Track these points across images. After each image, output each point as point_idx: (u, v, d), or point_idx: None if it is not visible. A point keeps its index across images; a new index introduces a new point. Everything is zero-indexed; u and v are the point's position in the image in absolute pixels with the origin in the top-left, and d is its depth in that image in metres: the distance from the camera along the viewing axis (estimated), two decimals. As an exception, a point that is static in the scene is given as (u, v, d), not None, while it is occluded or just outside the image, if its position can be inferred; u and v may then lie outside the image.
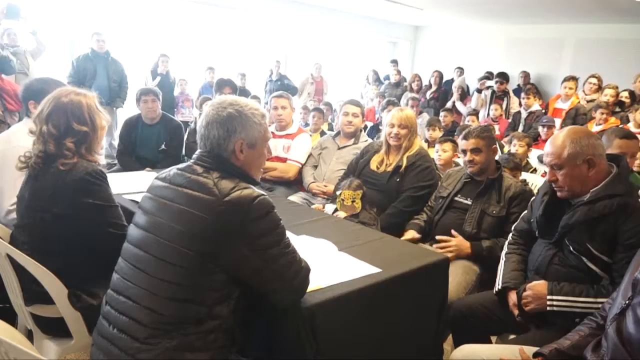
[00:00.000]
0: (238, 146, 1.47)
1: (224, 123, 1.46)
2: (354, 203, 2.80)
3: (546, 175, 2.03)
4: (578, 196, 1.88)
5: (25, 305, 1.75)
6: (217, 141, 1.46)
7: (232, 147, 1.47)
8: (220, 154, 1.46)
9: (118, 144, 4.07)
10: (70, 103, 1.75)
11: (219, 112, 1.47)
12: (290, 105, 3.67)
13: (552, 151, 1.86)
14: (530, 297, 1.88)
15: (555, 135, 1.93)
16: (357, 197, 2.80)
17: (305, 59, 9.01)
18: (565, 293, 1.81)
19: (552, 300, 1.83)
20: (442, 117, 5.84)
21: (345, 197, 2.80)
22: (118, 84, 6.03)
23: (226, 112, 1.46)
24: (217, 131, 1.46)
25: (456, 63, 8.67)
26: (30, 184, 1.76)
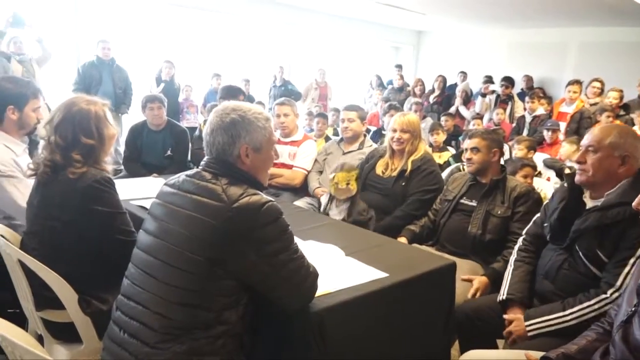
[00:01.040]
0: (243, 151, 1.48)
1: (227, 129, 1.47)
2: (349, 185, 2.71)
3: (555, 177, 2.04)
4: (593, 188, 1.89)
5: (36, 311, 1.77)
6: (222, 147, 1.47)
7: (237, 152, 1.48)
8: (226, 159, 1.48)
9: (124, 150, 4.10)
10: (78, 113, 1.77)
11: (223, 118, 1.48)
12: (293, 111, 3.69)
13: (595, 134, 1.88)
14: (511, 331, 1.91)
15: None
16: (352, 179, 2.72)
17: (309, 64, 9.04)
18: (541, 314, 1.85)
19: (530, 325, 1.86)
20: (443, 121, 5.85)
21: (339, 179, 2.71)
22: (123, 91, 6.07)
23: (229, 118, 1.48)
24: (222, 137, 1.47)
25: (459, 68, 8.69)
26: (40, 191, 1.78)
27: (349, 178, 2.73)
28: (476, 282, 2.38)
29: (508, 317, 1.97)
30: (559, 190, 2.11)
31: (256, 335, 1.52)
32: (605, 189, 1.85)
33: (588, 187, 1.92)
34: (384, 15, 8.84)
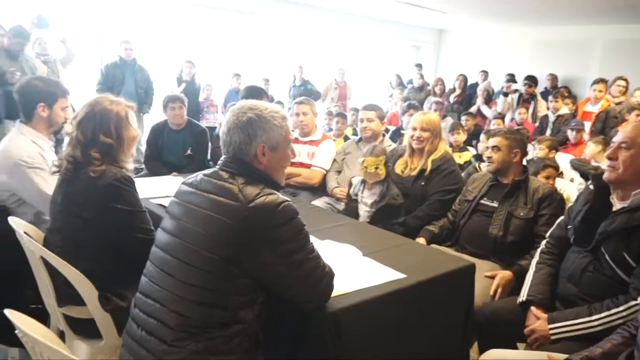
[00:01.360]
0: (260, 150, 1.48)
1: (244, 128, 1.47)
2: (378, 170, 2.78)
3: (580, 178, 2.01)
4: (621, 186, 1.84)
5: (57, 307, 1.80)
6: (239, 146, 1.47)
7: (254, 151, 1.47)
8: (243, 158, 1.48)
9: (145, 149, 4.15)
10: (100, 112, 1.80)
11: (239, 117, 1.48)
12: (312, 110, 3.69)
13: (629, 131, 1.84)
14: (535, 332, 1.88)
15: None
16: (381, 163, 2.77)
17: (329, 64, 9.04)
18: (565, 318, 1.81)
19: (554, 328, 1.82)
20: (463, 120, 5.77)
21: (369, 164, 2.78)
22: (145, 91, 6.15)
23: (246, 117, 1.47)
24: (238, 136, 1.47)
25: (480, 66, 8.58)
26: (63, 189, 1.81)
27: (377, 162, 2.78)
28: (498, 277, 2.34)
29: (534, 313, 1.93)
30: (583, 192, 2.07)
31: (272, 334, 1.52)
32: (633, 188, 1.81)
33: (616, 185, 1.87)
34: (404, 14, 8.78)
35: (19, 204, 2.31)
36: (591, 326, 1.76)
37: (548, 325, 1.84)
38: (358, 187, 2.94)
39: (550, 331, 1.83)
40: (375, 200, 2.82)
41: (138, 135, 1.92)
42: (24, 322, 1.17)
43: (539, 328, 1.87)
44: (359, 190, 2.93)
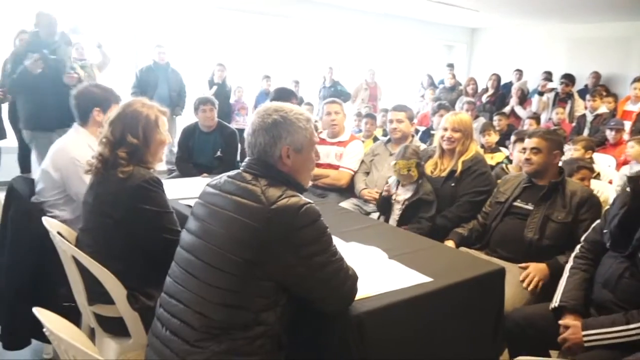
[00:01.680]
0: (284, 152, 1.47)
1: (269, 130, 1.47)
2: (410, 172, 2.85)
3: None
4: None
5: (88, 305, 1.84)
6: (264, 148, 1.47)
7: (279, 153, 1.47)
8: (267, 160, 1.47)
9: (177, 151, 4.22)
10: (131, 114, 1.84)
11: (264, 119, 1.48)
12: (342, 110, 3.69)
13: None
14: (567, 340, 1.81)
15: None
16: (412, 166, 2.85)
17: (359, 64, 9.00)
18: (600, 325, 1.73)
19: (587, 336, 1.75)
20: (496, 120, 5.65)
21: (401, 166, 2.86)
22: (177, 93, 6.26)
23: (271, 119, 1.47)
24: (263, 138, 1.47)
25: (515, 65, 8.39)
26: (94, 190, 1.85)
27: (409, 165, 2.86)
28: (531, 267, 2.29)
29: (564, 323, 1.87)
30: (620, 195, 1.99)
31: (295, 336, 1.52)
32: None
33: None
34: (436, 14, 8.67)
35: (65, 200, 2.39)
36: (628, 335, 1.69)
37: (582, 332, 1.77)
38: (394, 188, 2.98)
39: (583, 338, 1.76)
40: (409, 197, 2.85)
41: (167, 140, 1.94)
42: (51, 320, 1.20)
43: (572, 335, 1.80)
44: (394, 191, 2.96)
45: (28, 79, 4.00)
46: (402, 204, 2.89)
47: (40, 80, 4.02)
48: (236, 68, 7.49)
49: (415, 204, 2.84)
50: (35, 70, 3.97)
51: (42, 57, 3.98)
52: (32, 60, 3.94)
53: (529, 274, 2.30)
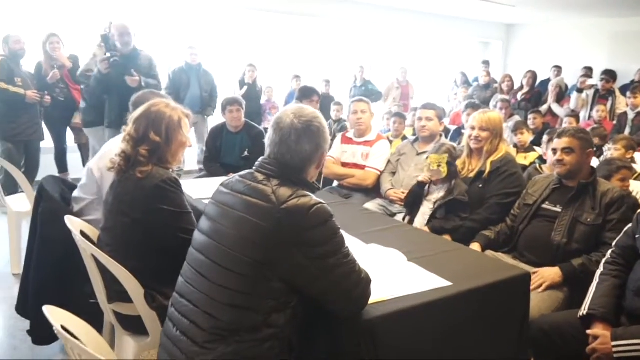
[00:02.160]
0: (323, 159, 1.53)
1: (313, 137, 1.48)
2: (440, 167, 2.80)
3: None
4: None
5: (107, 303, 1.88)
6: (309, 155, 1.48)
7: (317, 161, 1.52)
8: (290, 164, 1.46)
9: (205, 151, 4.27)
10: (155, 113, 1.87)
11: (308, 125, 1.47)
12: (370, 109, 3.64)
13: None
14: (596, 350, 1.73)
15: None
16: (443, 161, 2.80)
17: (391, 63, 8.90)
18: (631, 336, 1.63)
19: (617, 346, 1.66)
20: (530, 119, 5.46)
21: (432, 161, 2.84)
22: (209, 94, 6.34)
23: (314, 126, 1.48)
24: (309, 145, 1.47)
25: (553, 62, 8.10)
26: (114, 189, 1.88)
27: (439, 160, 2.82)
28: (540, 272, 2.25)
29: (593, 332, 1.79)
30: None
31: (307, 339, 1.49)
32: None
33: None
34: (470, 10, 8.48)
35: (99, 201, 2.42)
36: None
37: (611, 342, 1.68)
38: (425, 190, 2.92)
39: (613, 349, 1.67)
40: (442, 196, 2.79)
41: (187, 142, 1.95)
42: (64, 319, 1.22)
43: (601, 346, 1.72)
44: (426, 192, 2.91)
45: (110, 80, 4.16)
46: (433, 204, 2.83)
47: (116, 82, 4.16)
48: (266, 68, 7.53)
49: (449, 205, 2.77)
50: (104, 69, 4.11)
51: (111, 57, 4.12)
52: (101, 59, 4.12)
53: (534, 278, 2.23)
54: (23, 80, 4.64)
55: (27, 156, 4.83)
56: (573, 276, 2.21)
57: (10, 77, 4.55)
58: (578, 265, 2.22)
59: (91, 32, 5.04)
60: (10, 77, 4.56)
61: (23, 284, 2.42)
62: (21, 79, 4.64)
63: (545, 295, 2.20)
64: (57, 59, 4.97)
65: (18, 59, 4.68)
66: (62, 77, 5.05)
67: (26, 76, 4.74)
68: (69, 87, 5.14)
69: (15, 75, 4.59)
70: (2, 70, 4.51)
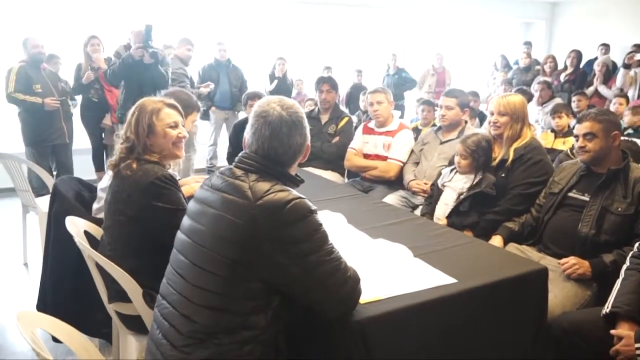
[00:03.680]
0: (307, 150, 1.48)
1: (299, 127, 1.44)
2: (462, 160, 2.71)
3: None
4: None
5: (108, 303, 1.88)
6: (300, 147, 1.44)
7: (304, 152, 1.47)
8: (278, 159, 1.41)
9: (228, 146, 4.27)
10: (140, 111, 1.85)
11: (292, 116, 1.42)
12: (387, 99, 3.51)
13: None
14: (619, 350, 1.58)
15: None
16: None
17: (426, 49, 8.64)
18: None
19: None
20: (575, 101, 5.14)
21: (459, 150, 2.72)
22: (239, 89, 6.34)
23: (296, 117, 1.43)
24: (299, 137, 1.43)
25: (600, 41, 7.62)
26: (111, 188, 1.88)
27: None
28: (574, 258, 2.10)
29: (616, 332, 1.64)
30: None
31: (295, 344, 1.43)
32: None
33: None
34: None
35: None
36: None
37: (635, 344, 1.53)
38: (447, 176, 2.80)
39: (637, 352, 1.52)
40: (470, 186, 2.65)
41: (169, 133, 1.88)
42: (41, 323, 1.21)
43: (625, 347, 1.57)
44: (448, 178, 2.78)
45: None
46: (458, 195, 2.69)
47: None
48: (296, 61, 7.47)
49: (474, 198, 2.62)
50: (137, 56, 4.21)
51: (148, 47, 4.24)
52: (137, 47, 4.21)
53: (570, 261, 2.09)
54: (43, 86, 4.58)
55: (56, 159, 4.90)
56: (604, 273, 2.04)
57: (27, 85, 4.46)
58: (610, 262, 2.04)
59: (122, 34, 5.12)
60: (28, 85, 4.47)
61: (42, 283, 2.48)
62: (40, 85, 4.55)
63: (571, 291, 2.05)
64: (95, 62, 5.08)
65: (38, 64, 4.62)
66: (97, 78, 5.16)
67: (48, 80, 4.67)
68: (103, 88, 5.25)
69: (33, 83, 4.51)
70: (20, 79, 4.45)
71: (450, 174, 2.80)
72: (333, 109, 3.97)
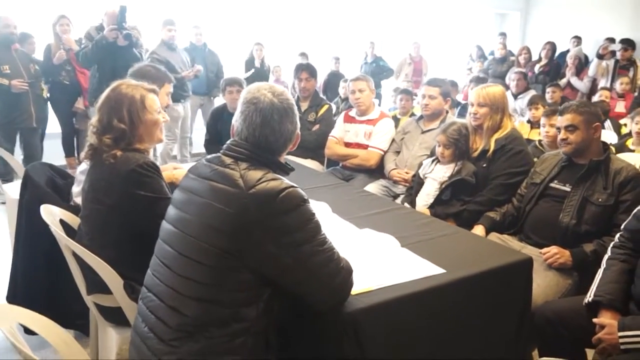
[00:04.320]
0: (297, 138, 1.45)
1: (290, 114, 1.41)
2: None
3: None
4: None
5: (87, 294, 1.81)
6: (290, 135, 1.41)
7: (295, 140, 1.44)
8: (274, 148, 1.38)
9: (205, 133, 4.18)
10: (116, 97, 1.76)
11: (283, 104, 1.39)
12: (369, 87, 3.48)
13: None
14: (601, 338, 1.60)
15: None
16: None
17: (403, 38, 8.63)
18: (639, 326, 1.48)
19: (624, 337, 1.54)
20: (549, 92, 5.23)
21: (440, 140, 2.75)
22: (215, 74, 6.21)
23: (287, 104, 1.40)
24: (290, 125, 1.40)
25: (573, 33, 7.74)
26: (89, 175, 1.80)
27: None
28: (556, 248, 2.12)
29: (599, 321, 1.67)
30: None
31: (287, 336, 1.40)
32: None
33: None
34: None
35: None
36: None
37: (618, 333, 1.56)
38: (429, 167, 2.80)
39: (620, 340, 1.55)
40: (449, 176, 2.67)
41: (158, 120, 1.84)
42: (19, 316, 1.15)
43: (607, 335, 1.59)
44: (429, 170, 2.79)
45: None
46: (439, 184, 2.70)
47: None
48: (274, 46, 7.36)
49: (455, 186, 2.64)
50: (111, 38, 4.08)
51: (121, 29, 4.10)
52: (110, 28, 4.07)
53: (551, 251, 2.13)
54: (12, 67, 4.40)
55: (24, 144, 4.73)
56: (584, 262, 2.08)
57: None
58: (590, 252, 2.08)
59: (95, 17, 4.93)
60: None
61: (12, 274, 2.38)
62: (9, 66, 4.37)
63: (553, 280, 2.08)
64: (65, 42, 4.88)
65: (8, 44, 4.43)
66: (69, 60, 4.97)
67: (18, 62, 4.48)
68: (75, 70, 5.06)
69: (2, 63, 4.36)
70: None
71: (431, 165, 2.81)
72: (312, 97, 3.92)
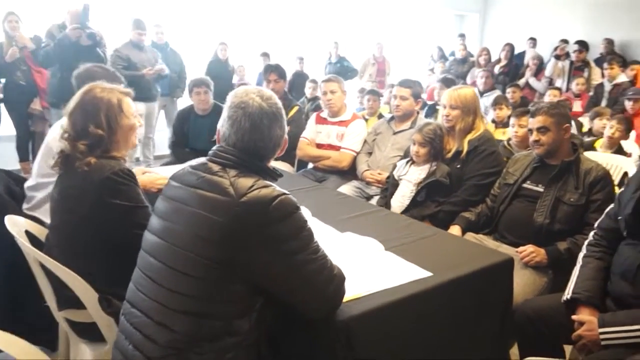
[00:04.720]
0: (285, 143, 1.42)
1: (279, 119, 1.37)
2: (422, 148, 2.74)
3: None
4: None
5: (58, 310, 1.71)
6: (279, 140, 1.38)
7: (283, 145, 1.40)
8: (262, 154, 1.34)
9: (171, 136, 4.07)
10: (92, 101, 1.66)
11: (272, 108, 1.35)
12: (340, 88, 3.47)
13: None
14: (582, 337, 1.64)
15: None
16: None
17: (367, 38, 8.68)
18: (620, 322, 1.54)
19: (605, 333, 1.57)
20: (509, 93, 5.37)
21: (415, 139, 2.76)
22: (177, 75, 6.06)
23: (276, 108, 1.36)
24: (279, 130, 1.37)
25: (529, 34, 7.99)
26: (59, 184, 1.70)
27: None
28: (532, 247, 2.17)
29: (578, 318, 1.70)
30: (634, 176, 1.78)
31: (277, 346, 1.36)
32: None
33: None
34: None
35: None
36: None
37: (598, 329, 1.59)
38: (403, 169, 2.79)
39: (600, 336, 1.58)
40: (424, 177, 2.67)
41: (135, 124, 1.77)
42: None
43: (587, 332, 1.63)
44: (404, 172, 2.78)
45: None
46: (415, 185, 2.70)
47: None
48: (237, 46, 7.25)
49: (430, 187, 2.65)
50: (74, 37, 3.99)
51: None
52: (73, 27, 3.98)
53: (528, 249, 2.18)
54: None
55: None
56: (559, 260, 2.13)
57: None
58: (564, 250, 2.14)
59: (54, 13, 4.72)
60: None
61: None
62: None
63: (530, 278, 2.12)
64: (18, 40, 4.64)
65: None
66: (23, 59, 4.72)
67: None
68: (30, 69, 4.82)
69: None
70: None
71: (406, 167, 2.81)
72: (282, 99, 3.85)
